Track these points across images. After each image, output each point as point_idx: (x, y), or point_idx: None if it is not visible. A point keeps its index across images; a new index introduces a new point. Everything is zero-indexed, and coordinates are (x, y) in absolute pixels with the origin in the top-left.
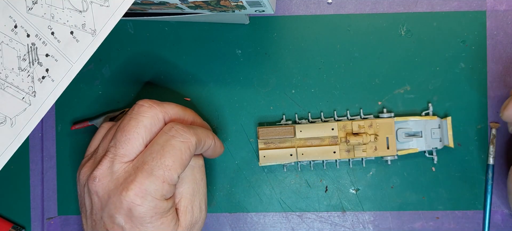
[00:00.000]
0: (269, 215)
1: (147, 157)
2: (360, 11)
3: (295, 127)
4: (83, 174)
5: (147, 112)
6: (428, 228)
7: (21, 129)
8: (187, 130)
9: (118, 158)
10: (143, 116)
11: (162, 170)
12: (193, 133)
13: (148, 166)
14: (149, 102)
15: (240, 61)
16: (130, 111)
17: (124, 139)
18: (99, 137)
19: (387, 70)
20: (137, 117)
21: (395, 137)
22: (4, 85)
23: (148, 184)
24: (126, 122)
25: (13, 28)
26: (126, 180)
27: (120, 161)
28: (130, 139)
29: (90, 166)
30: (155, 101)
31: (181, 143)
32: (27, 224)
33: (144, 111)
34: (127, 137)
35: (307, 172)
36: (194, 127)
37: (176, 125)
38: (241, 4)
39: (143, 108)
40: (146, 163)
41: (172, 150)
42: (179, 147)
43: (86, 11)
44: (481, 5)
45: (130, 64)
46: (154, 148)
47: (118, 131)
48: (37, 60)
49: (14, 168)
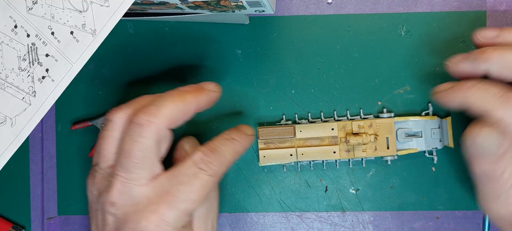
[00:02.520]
0: (269, 215)
1: (172, 188)
2: (360, 11)
3: (295, 127)
4: (95, 186)
5: (148, 132)
6: (428, 228)
7: (21, 129)
8: (216, 160)
9: (134, 182)
10: (145, 138)
11: (187, 204)
12: (221, 162)
13: (172, 198)
14: (145, 117)
15: (240, 61)
16: (129, 129)
17: (133, 164)
18: None
19: (387, 70)
20: (140, 139)
21: (395, 137)
22: (4, 85)
23: (171, 216)
24: (130, 146)
25: (13, 28)
26: (147, 208)
27: (136, 184)
28: (139, 164)
29: (102, 180)
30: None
31: (209, 177)
32: (27, 224)
33: (143, 132)
34: (135, 162)
35: (307, 172)
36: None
37: (205, 157)
38: (241, 4)
39: (142, 129)
40: (171, 194)
41: (199, 184)
42: (207, 181)
43: (86, 11)
44: (481, 5)
45: (130, 64)
46: (181, 178)
47: (122, 155)
48: (37, 60)
49: (14, 168)
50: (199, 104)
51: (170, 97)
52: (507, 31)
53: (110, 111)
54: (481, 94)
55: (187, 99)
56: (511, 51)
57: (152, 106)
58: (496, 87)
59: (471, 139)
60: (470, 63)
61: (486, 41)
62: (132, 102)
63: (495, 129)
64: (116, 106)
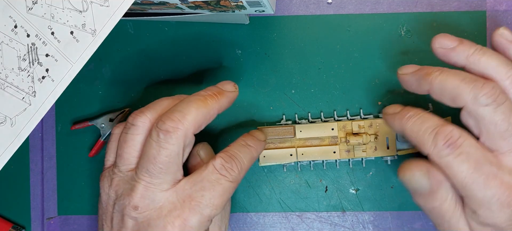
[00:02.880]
0: (269, 215)
1: (195, 194)
2: (360, 11)
3: (295, 127)
4: (113, 189)
5: (174, 139)
6: (428, 228)
7: (21, 129)
8: (236, 166)
9: (157, 187)
10: (172, 144)
11: (210, 209)
12: (241, 168)
13: (196, 203)
14: (172, 123)
15: (240, 61)
16: (154, 134)
17: (158, 170)
18: (115, 145)
19: (387, 70)
20: (166, 145)
21: (395, 137)
22: (4, 85)
23: (194, 222)
24: (156, 152)
25: (13, 28)
26: (171, 213)
27: (160, 190)
28: (164, 170)
29: (121, 183)
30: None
31: (230, 183)
32: (27, 224)
33: (170, 138)
34: (160, 168)
35: (307, 172)
36: (239, 155)
37: (226, 163)
38: (241, 4)
39: (169, 135)
40: (194, 199)
41: (221, 189)
42: (228, 187)
43: (86, 11)
44: (481, 5)
45: (130, 64)
46: (204, 184)
47: (146, 160)
48: (37, 60)
49: (14, 168)
50: (221, 107)
51: (194, 103)
52: (462, 47)
53: (132, 116)
54: (416, 127)
55: (210, 104)
56: (452, 78)
57: (177, 113)
58: (431, 121)
59: (404, 179)
60: (415, 80)
61: (442, 51)
62: (152, 106)
63: (425, 168)
64: (138, 110)
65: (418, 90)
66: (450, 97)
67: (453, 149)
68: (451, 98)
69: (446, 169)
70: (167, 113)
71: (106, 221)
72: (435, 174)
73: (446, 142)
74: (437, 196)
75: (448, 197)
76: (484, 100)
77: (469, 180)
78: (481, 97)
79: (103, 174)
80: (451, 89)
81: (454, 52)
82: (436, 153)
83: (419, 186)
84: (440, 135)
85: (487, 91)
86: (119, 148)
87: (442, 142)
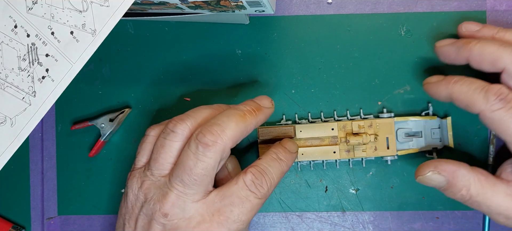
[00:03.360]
0: (269, 215)
1: (225, 208)
2: (360, 11)
3: (295, 127)
4: (143, 191)
5: (212, 152)
6: (428, 228)
7: (21, 129)
8: (265, 183)
9: (189, 197)
10: (210, 158)
11: (237, 225)
12: (270, 185)
13: (224, 218)
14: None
15: (240, 61)
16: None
17: (193, 181)
18: (149, 147)
19: (387, 70)
20: (204, 158)
21: (395, 137)
22: (4, 85)
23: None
24: (193, 163)
25: (13, 28)
26: (200, 224)
27: (191, 200)
28: (199, 181)
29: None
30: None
31: (259, 200)
32: (27, 224)
33: (208, 152)
34: (195, 179)
35: (307, 172)
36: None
37: (256, 179)
38: (241, 4)
39: (208, 149)
40: (223, 214)
41: (250, 206)
42: (256, 204)
43: (86, 11)
44: (481, 5)
45: (130, 64)
46: (233, 199)
47: (182, 170)
48: (37, 60)
49: (14, 168)
50: (258, 123)
51: (234, 117)
52: (487, 28)
53: (173, 122)
54: (465, 88)
55: (248, 120)
56: (490, 45)
57: (217, 126)
58: (479, 82)
59: (422, 182)
60: (455, 49)
61: (468, 33)
62: (193, 114)
63: (433, 165)
64: (178, 117)
65: (456, 59)
66: (490, 61)
67: (505, 102)
68: (491, 62)
69: (499, 124)
70: (207, 126)
71: (130, 222)
72: (444, 166)
73: (497, 97)
74: (458, 185)
75: (470, 182)
76: None
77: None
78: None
79: (132, 174)
80: (490, 54)
81: (479, 33)
82: (488, 108)
83: (437, 182)
84: (491, 91)
85: None
86: (155, 152)
87: (493, 97)
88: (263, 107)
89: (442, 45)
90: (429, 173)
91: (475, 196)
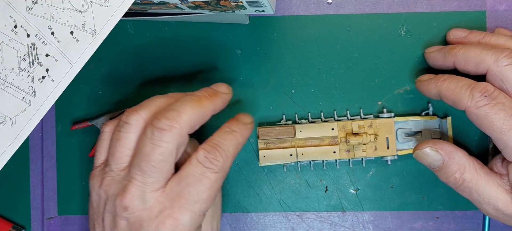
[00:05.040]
0: (269, 215)
1: (183, 190)
2: (360, 11)
3: (295, 127)
4: (103, 188)
5: (169, 137)
6: (428, 228)
7: (21, 129)
8: (220, 156)
9: (148, 186)
10: (167, 142)
11: (199, 204)
12: (226, 157)
13: (184, 200)
14: (167, 122)
15: (240, 61)
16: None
17: (151, 168)
18: (106, 144)
19: (387, 70)
20: (161, 143)
21: (395, 137)
22: (4, 85)
23: (186, 220)
24: (150, 149)
25: (13, 28)
26: (161, 213)
27: (151, 190)
28: (158, 168)
29: (112, 183)
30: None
31: (216, 174)
32: (27, 224)
33: (165, 136)
34: (153, 166)
35: (307, 172)
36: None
37: (209, 154)
38: (241, 4)
39: (164, 133)
40: (183, 197)
41: (208, 182)
42: (215, 179)
43: (86, 11)
44: (481, 5)
45: (130, 64)
46: (189, 180)
47: (140, 158)
48: (37, 60)
49: (14, 168)
50: (215, 108)
51: (190, 102)
52: (473, 34)
53: (126, 114)
54: (453, 85)
55: (205, 104)
56: (474, 49)
57: (172, 111)
58: (466, 80)
59: (418, 157)
60: (441, 55)
61: (456, 40)
62: (146, 104)
63: (432, 142)
64: (131, 109)
65: (444, 64)
66: (474, 64)
67: (490, 99)
68: (475, 65)
69: (484, 119)
70: (163, 112)
71: (98, 221)
72: (442, 145)
73: (482, 93)
74: (453, 166)
75: (466, 166)
76: (505, 61)
77: (506, 127)
78: (502, 58)
79: (93, 173)
80: (474, 57)
81: (466, 39)
82: (473, 104)
83: (433, 160)
84: (477, 88)
85: (507, 53)
86: (112, 146)
87: (478, 94)
88: (220, 93)
89: (430, 51)
90: (427, 148)
91: (468, 181)
